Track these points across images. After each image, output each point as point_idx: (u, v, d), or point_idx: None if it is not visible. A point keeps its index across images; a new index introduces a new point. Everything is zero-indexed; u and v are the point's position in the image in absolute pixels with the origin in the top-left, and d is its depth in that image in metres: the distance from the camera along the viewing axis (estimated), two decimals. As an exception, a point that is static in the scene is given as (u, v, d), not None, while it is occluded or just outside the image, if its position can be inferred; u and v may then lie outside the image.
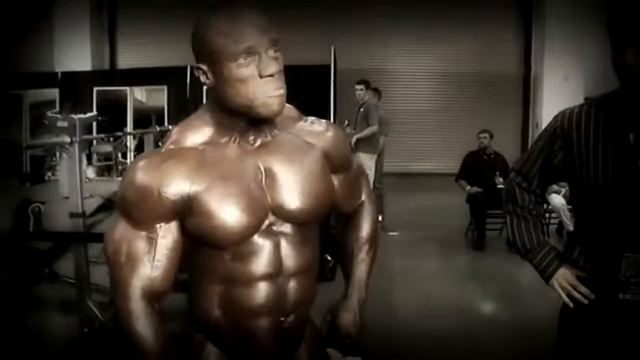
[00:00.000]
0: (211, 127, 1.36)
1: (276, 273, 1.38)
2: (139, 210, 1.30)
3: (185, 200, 1.29)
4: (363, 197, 1.66)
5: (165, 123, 11.07)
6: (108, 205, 5.14)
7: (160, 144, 5.55)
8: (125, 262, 1.31)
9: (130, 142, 12.03)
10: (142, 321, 1.33)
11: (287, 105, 1.38)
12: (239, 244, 1.34)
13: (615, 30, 1.54)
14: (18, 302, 4.44)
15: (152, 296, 1.35)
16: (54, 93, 11.93)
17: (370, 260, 1.64)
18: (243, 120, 1.34)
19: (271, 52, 1.28)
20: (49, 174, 11.23)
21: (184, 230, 1.34)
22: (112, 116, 11.76)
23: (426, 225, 7.30)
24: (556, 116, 1.77)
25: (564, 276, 1.78)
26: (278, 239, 1.38)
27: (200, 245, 1.34)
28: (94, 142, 11.62)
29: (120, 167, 12.18)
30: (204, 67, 1.30)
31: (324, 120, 1.53)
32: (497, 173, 6.57)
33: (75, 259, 3.78)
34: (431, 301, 4.66)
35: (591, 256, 1.73)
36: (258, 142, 1.38)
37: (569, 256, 1.80)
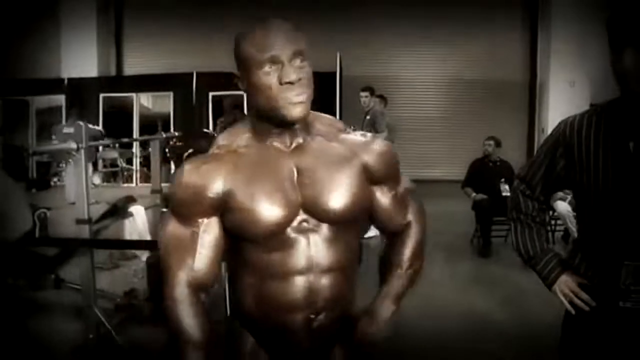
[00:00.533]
0: (250, 132, 1.49)
1: (307, 269, 1.46)
2: (184, 207, 1.45)
3: (223, 197, 1.42)
4: (409, 217, 1.66)
5: (171, 129, 11.12)
6: (114, 211, 5.16)
7: (166, 150, 5.55)
8: (173, 255, 1.45)
9: (137, 148, 12.07)
10: (185, 308, 1.44)
11: (332, 117, 1.57)
12: (270, 238, 1.43)
13: (614, 33, 1.55)
14: (23, 307, 4.45)
15: (196, 286, 1.45)
16: (60, 99, 11.98)
17: (408, 278, 1.64)
18: (277, 125, 1.44)
19: (294, 62, 1.38)
20: (55, 179, 11.30)
21: (223, 226, 1.45)
22: (118, 122, 11.81)
23: (432, 232, 7.15)
24: (559, 124, 1.77)
25: (565, 283, 1.78)
26: (309, 236, 1.46)
27: (237, 239, 1.45)
28: (100, 148, 11.67)
29: (126, 174, 12.24)
30: (239, 74, 1.44)
31: (370, 134, 1.61)
32: (503, 180, 6.55)
33: (80, 265, 3.79)
34: (436, 307, 4.65)
35: (592, 263, 1.73)
36: (293, 145, 1.47)
37: (571, 263, 1.81)
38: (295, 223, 1.44)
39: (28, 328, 4.05)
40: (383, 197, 1.58)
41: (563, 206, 6.72)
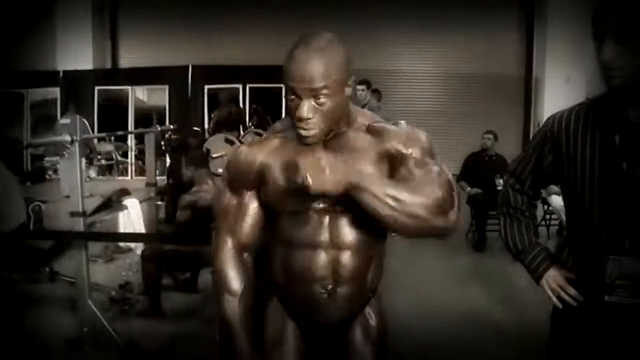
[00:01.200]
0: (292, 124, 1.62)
1: (326, 244, 1.63)
2: (234, 181, 1.70)
3: (262, 172, 1.64)
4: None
5: (167, 122, 11.09)
6: (108, 204, 5.14)
7: (162, 143, 5.53)
8: (223, 220, 1.72)
9: (132, 141, 12.03)
10: (229, 264, 1.69)
11: (372, 113, 1.74)
12: (296, 214, 1.63)
13: (596, 25, 1.55)
14: (18, 300, 4.43)
15: (241, 246, 1.71)
16: (55, 92, 11.93)
17: (403, 189, 1.50)
18: None
19: (312, 100, 1.50)
20: (50, 173, 11.26)
21: (260, 199, 1.68)
22: (113, 115, 11.77)
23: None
24: (547, 119, 1.78)
25: (553, 277, 1.79)
26: (331, 215, 1.63)
27: (269, 211, 1.68)
28: (95, 141, 11.62)
29: (121, 167, 12.21)
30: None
31: (403, 122, 1.69)
32: (498, 175, 6.55)
33: (75, 258, 3.78)
34: (431, 301, 4.65)
35: (578, 257, 1.74)
36: (330, 135, 1.61)
37: (559, 257, 1.82)
38: (319, 203, 1.61)
39: (22, 321, 4.04)
40: (408, 172, 1.57)
41: (558, 200, 6.72)
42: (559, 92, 11.05)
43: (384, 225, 1.52)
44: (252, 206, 1.69)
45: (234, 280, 1.68)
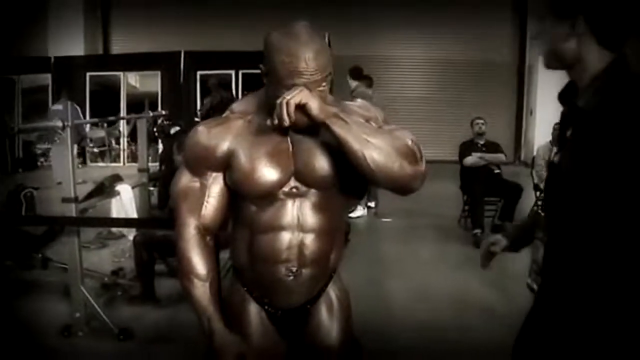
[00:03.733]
0: (258, 103, 1.68)
1: (292, 227, 1.65)
2: (195, 162, 1.67)
3: (228, 156, 1.63)
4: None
5: (159, 108, 11.04)
6: (100, 190, 5.12)
7: (154, 130, 5.51)
8: (184, 203, 1.67)
9: (124, 127, 11.99)
10: (193, 248, 1.65)
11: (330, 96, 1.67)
12: (263, 198, 1.63)
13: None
14: (10, 287, 4.42)
15: (204, 229, 1.67)
16: (47, 78, 11.85)
17: (365, 129, 1.59)
18: None
19: (316, 89, 1.53)
20: (42, 159, 11.21)
21: (225, 182, 1.67)
22: (105, 101, 11.71)
23: (419, 212, 7.29)
24: None
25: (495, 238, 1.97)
26: (297, 199, 1.65)
27: (240, 198, 1.66)
28: (87, 127, 11.57)
29: (113, 153, 12.17)
30: (264, 70, 1.60)
31: (360, 101, 1.81)
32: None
33: (67, 244, 3.77)
34: (424, 287, 4.67)
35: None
36: None
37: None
38: (286, 187, 1.63)
39: (15, 307, 4.03)
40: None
41: None
42: (552, 78, 11.07)
43: (355, 161, 1.54)
44: (216, 188, 1.67)
45: (201, 264, 1.65)
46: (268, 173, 1.60)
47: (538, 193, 7.01)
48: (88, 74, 12.00)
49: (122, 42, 13.09)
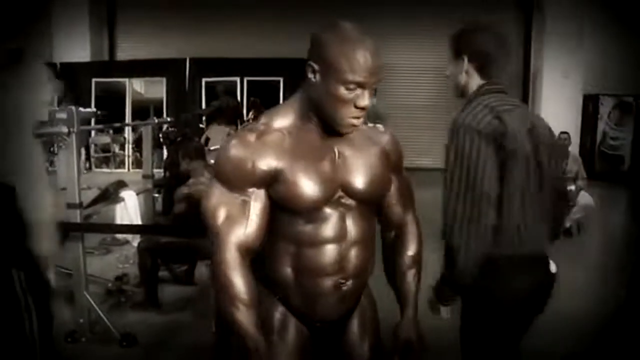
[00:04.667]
0: (296, 115, 1.63)
1: (341, 239, 1.64)
2: (236, 178, 1.57)
3: (273, 171, 1.57)
4: (410, 217, 1.87)
5: (164, 115, 11.07)
6: (105, 196, 5.14)
7: (160, 135, 5.48)
8: (224, 221, 1.56)
9: (129, 134, 12.01)
10: (237, 271, 1.54)
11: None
12: (312, 211, 1.60)
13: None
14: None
15: (246, 250, 1.57)
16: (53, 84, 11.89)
17: (418, 279, 1.84)
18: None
19: (369, 90, 1.55)
20: (47, 165, 11.23)
21: (269, 197, 1.60)
22: (110, 108, 11.74)
23: (422, 220, 7.27)
24: None
25: None
26: (344, 210, 1.65)
27: (281, 210, 1.60)
28: (92, 133, 11.59)
29: (118, 159, 12.19)
30: (316, 68, 1.54)
31: (380, 126, 1.82)
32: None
33: (71, 250, 3.77)
34: (425, 293, 4.66)
35: None
36: (332, 132, 1.62)
37: None
38: (333, 199, 1.62)
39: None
40: (395, 184, 1.80)
41: (587, 198, 6.69)
42: (556, 88, 11.08)
43: None
44: (259, 205, 1.58)
45: (246, 290, 1.54)
46: (317, 187, 1.58)
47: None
48: (94, 80, 12.05)
49: (128, 48, 13.13)
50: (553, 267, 2.01)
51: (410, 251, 1.84)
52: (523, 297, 1.92)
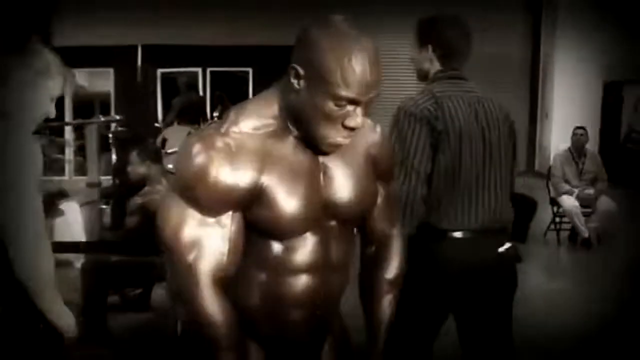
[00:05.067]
0: (272, 116, 1.56)
1: (320, 266, 1.62)
2: (207, 197, 1.48)
3: (253, 190, 1.50)
4: (394, 231, 1.87)
5: (112, 111, 11.01)
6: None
7: (109, 136, 5.42)
8: (196, 251, 1.49)
9: (70, 135, 11.92)
10: (215, 307, 1.50)
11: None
12: (293, 236, 1.57)
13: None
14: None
15: (220, 279, 1.51)
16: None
17: (395, 305, 1.85)
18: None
19: (364, 108, 1.49)
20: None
21: (244, 217, 1.54)
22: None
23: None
24: None
25: None
26: (325, 233, 1.62)
27: (255, 234, 1.56)
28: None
29: (56, 165, 12.08)
30: (302, 73, 1.47)
31: (369, 120, 1.71)
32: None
33: None
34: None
35: None
36: None
37: None
38: (315, 222, 1.59)
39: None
40: (381, 193, 1.79)
41: (570, 201, 6.78)
42: (570, 78, 11.19)
43: None
44: (235, 229, 1.52)
45: (229, 322, 1.52)
46: (301, 210, 1.54)
47: (555, 208, 7.08)
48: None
49: (68, 34, 13.03)
50: (501, 248, 2.48)
51: (391, 273, 1.85)
52: (449, 275, 2.32)
